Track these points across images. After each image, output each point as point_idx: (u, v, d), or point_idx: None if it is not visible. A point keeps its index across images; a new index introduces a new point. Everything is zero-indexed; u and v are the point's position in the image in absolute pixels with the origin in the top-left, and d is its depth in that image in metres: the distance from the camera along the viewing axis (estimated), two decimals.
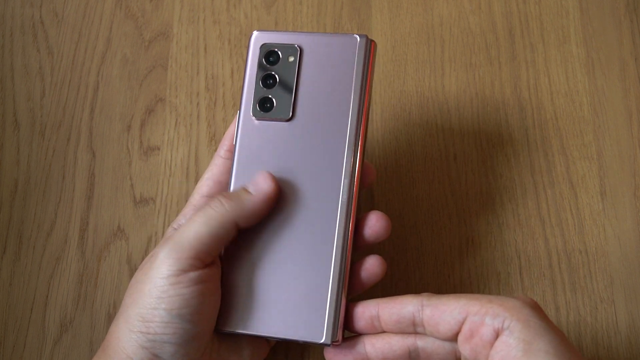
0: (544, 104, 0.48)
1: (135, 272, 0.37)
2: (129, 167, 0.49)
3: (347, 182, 0.37)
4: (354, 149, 0.38)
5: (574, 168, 0.47)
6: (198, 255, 0.35)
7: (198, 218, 0.35)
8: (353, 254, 0.37)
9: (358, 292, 0.38)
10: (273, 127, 0.39)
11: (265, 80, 0.39)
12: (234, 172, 0.39)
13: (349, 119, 0.38)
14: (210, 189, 0.39)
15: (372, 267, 0.38)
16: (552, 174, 0.47)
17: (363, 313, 0.36)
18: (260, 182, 0.37)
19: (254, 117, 0.39)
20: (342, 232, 0.37)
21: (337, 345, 0.36)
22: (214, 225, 0.35)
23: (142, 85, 0.51)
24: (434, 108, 0.49)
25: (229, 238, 0.36)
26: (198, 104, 0.50)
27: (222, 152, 0.40)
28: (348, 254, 0.37)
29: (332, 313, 0.36)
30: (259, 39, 0.40)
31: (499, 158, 0.48)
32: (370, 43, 0.39)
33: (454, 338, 0.34)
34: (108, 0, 0.53)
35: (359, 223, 0.38)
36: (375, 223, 0.38)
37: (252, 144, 0.39)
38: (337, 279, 0.36)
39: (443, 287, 0.45)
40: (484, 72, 0.50)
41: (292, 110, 0.39)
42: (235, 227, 0.36)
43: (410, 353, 0.35)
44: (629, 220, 0.46)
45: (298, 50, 0.39)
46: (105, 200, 0.48)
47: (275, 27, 0.52)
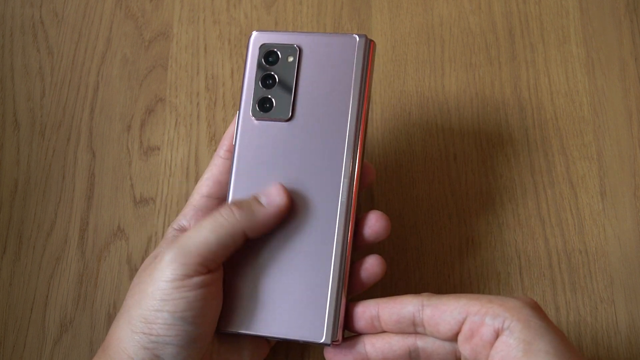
0: (544, 104, 0.48)
1: (137, 271, 0.37)
2: (129, 167, 0.49)
3: (346, 182, 0.37)
4: (354, 149, 0.38)
5: (574, 168, 0.47)
6: (204, 262, 0.34)
7: (207, 224, 0.35)
8: (353, 254, 0.37)
9: (358, 291, 0.38)
10: (272, 127, 0.39)
11: (265, 81, 0.39)
12: (234, 172, 0.39)
13: (349, 119, 0.38)
14: (210, 189, 0.39)
15: (372, 266, 0.38)
16: (552, 174, 0.47)
17: (363, 313, 0.36)
18: (273, 194, 0.36)
19: (254, 117, 0.39)
20: (341, 231, 0.37)
21: (337, 345, 0.36)
22: (223, 234, 0.35)
23: (142, 85, 0.51)
24: (434, 108, 0.49)
25: (236, 247, 0.36)
26: (198, 104, 0.50)
27: (221, 152, 0.40)
28: (348, 254, 0.37)
29: (332, 313, 0.36)
30: (258, 39, 0.40)
31: (499, 158, 0.48)
32: (370, 43, 0.39)
33: (454, 338, 0.34)
34: (108, 0, 0.53)
35: (359, 223, 0.38)
36: (375, 223, 0.38)
37: (251, 144, 0.39)
38: (337, 279, 0.36)
39: (443, 287, 0.45)
40: (484, 72, 0.50)
41: (291, 110, 0.39)
42: (244, 237, 0.36)
43: (411, 353, 0.35)
44: (629, 220, 0.46)
45: (297, 51, 0.39)
46: (105, 200, 0.48)
47: (275, 27, 0.52)
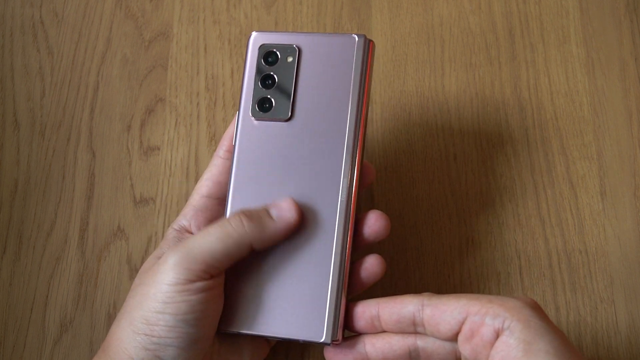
0: (544, 104, 0.48)
1: (139, 272, 0.37)
2: (129, 167, 0.49)
3: (346, 181, 0.37)
4: (353, 149, 0.38)
5: (574, 168, 0.47)
6: (207, 269, 0.34)
7: (215, 232, 0.35)
8: (353, 254, 0.37)
9: (358, 291, 0.38)
10: (272, 127, 0.39)
11: (264, 81, 0.39)
12: (234, 172, 0.39)
13: (348, 119, 0.38)
14: (210, 189, 0.39)
15: (371, 266, 0.38)
16: (552, 174, 0.47)
17: (363, 312, 0.36)
18: (285, 209, 0.36)
19: (253, 117, 0.39)
20: (341, 231, 0.37)
21: (337, 345, 0.36)
22: (230, 244, 0.35)
23: (142, 85, 0.51)
24: (434, 108, 0.49)
25: (241, 257, 0.36)
26: (198, 104, 0.50)
27: (221, 152, 0.40)
28: (348, 254, 0.37)
29: (332, 312, 0.36)
30: (258, 40, 0.40)
31: (499, 158, 0.48)
32: (369, 43, 0.39)
33: (454, 338, 0.34)
34: (108, 0, 0.53)
35: (359, 222, 0.38)
36: (375, 222, 0.38)
37: (251, 144, 0.39)
38: (337, 278, 0.36)
39: (443, 287, 0.45)
40: (484, 72, 0.50)
41: (291, 111, 0.39)
42: (250, 248, 0.36)
43: (411, 353, 0.35)
44: (629, 220, 0.46)
45: (297, 51, 0.39)
46: (105, 200, 0.48)
47: (275, 27, 0.52)
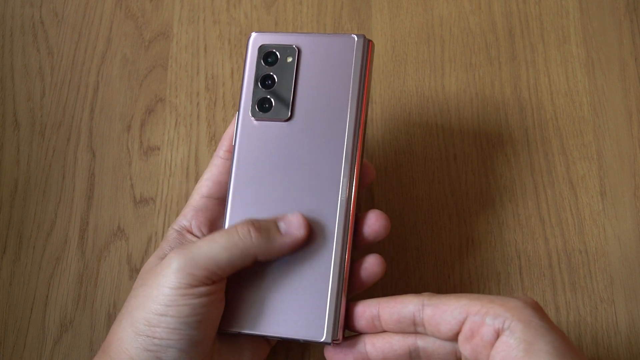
0: (544, 104, 0.48)
1: (141, 272, 0.37)
2: (129, 167, 0.49)
3: (346, 181, 0.37)
4: (353, 149, 0.38)
5: (574, 168, 0.47)
6: (210, 276, 0.34)
7: (221, 240, 0.35)
8: (353, 253, 0.38)
9: (358, 291, 0.38)
10: (272, 127, 0.39)
11: (264, 81, 0.39)
12: (234, 172, 0.39)
13: (348, 119, 0.38)
14: (210, 189, 0.39)
15: (371, 266, 0.38)
16: (552, 174, 0.47)
17: (363, 312, 0.36)
18: (294, 224, 0.36)
19: (253, 117, 0.39)
20: (341, 231, 0.37)
21: (337, 345, 0.36)
22: (235, 254, 0.35)
23: (142, 85, 0.51)
24: (434, 108, 0.49)
25: (244, 266, 0.36)
26: (198, 104, 0.50)
27: (221, 152, 0.40)
28: (348, 253, 0.37)
29: (332, 312, 0.36)
30: (257, 40, 0.40)
31: (499, 158, 0.48)
32: (368, 43, 0.39)
33: (455, 338, 0.33)
34: (108, 0, 0.53)
35: (359, 222, 0.38)
36: (375, 222, 0.38)
37: (251, 145, 0.39)
38: (337, 278, 0.36)
39: (443, 287, 0.45)
40: (484, 72, 0.50)
41: (290, 111, 0.39)
42: (254, 259, 0.36)
43: (411, 353, 0.35)
44: (629, 220, 0.46)
45: (296, 51, 0.39)
46: (105, 200, 0.48)
47: (275, 27, 0.52)
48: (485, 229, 0.46)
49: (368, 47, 0.39)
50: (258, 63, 0.39)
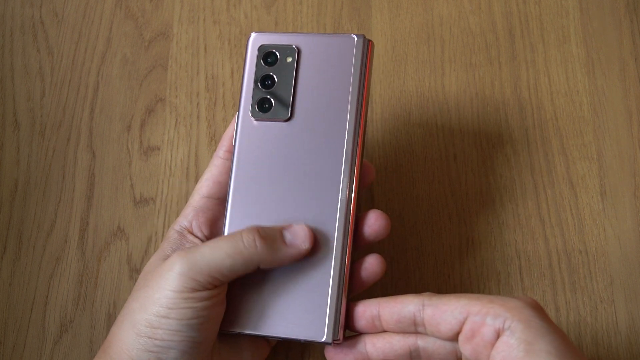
0: (544, 104, 0.48)
1: (142, 273, 0.37)
2: (129, 167, 0.49)
3: (346, 181, 0.37)
4: (353, 149, 0.38)
5: (574, 168, 0.47)
6: (213, 282, 0.35)
7: (226, 247, 0.35)
8: (353, 253, 0.38)
9: (358, 291, 0.38)
10: (272, 127, 0.39)
11: (264, 81, 0.39)
12: (234, 172, 0.39)
13: (348, 119, 0.38)
14: (210, 190, 0.39)
15: (371, 266, 0.38)
16: (552, 174, 0.47)
17: (364, 312, 0.36)
18: (300, 236, 0.36)
19: (253, 117, 0.39)
20: (342, 231, 0.37)
21: (338, 345, 0.36)
22: (239, 262, 0.35)
23: (142, 85, 0.51)
24: (434, 108, 0.49)
25: (246, 273, 0.36)
26: (198, 104, 0.50)
27: (221, 152, 0.40)
28: (348, 253, 0.37)
29: (332, 312, 0.36)
30: (257, 41, 0.40)
31: (499, 158, 0.48)
32: (368, 43, 0.39)
33: (455, 338, 0.34)
34: (108, 0, 0.53)
35: (359, 222, 0.38)
36: (375, 222, 0.38)
37: (251, 145, 0.39)
38: (337, 278, 0.36)
39: (443, 287, 0.45)
40: (484, 72, 0.50)
41: (290, 111, 0.39)
42: (257, 267, 0.36)
43: (411, 353, 0.35)
44: (629, 220, 0.46)
45: (296, 51, 0.39)
46: (105, 200, 0.48)
47: (275, 27, 0.52)
48: (485, 229, 0.46)
49: (368, 47, 0.39)
50: (258, 63, 0.39)
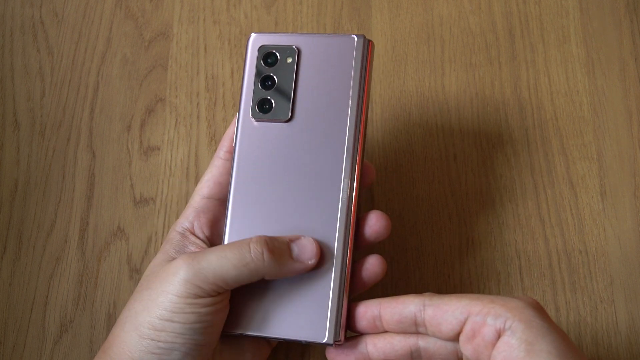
0: (544, 104, 0.49)
1: (145, 274, 0.37)
2: (129, 167, 0.49)
3: (346, 182, 0.37)
4: (354, 149, 0.38)
5: (574, 168, 0.47)
6: (217, 290, 0.35)
7: (233, 257, 0.35)
8: (353, 254, 0.38)
9: (359, 291, 0.38)
10: (272, 128, 0.39)
11: (264, 82, 0.39)
12: (234, 173, 0.39)
13: (348, 119, 0.38)
14: (211, 190, 0.39)
15: (372, 266, 0.38)
16: (552, 174, 0.47)
17: (365, 313, 0.36)
18: (308, 251, 0.36)
19: (253, 118, 0.39)
20: (342, 232, 0.37)
21: (339, 345, 0.36)
22: (244, 273, 0.35)
23: (142, 85, 0.51)
24: (434, 108, 0.49)
25: (250, 282, 0.36)
26: (198, 104, 0.50)
27: (221, 153, 0.40)
28: (349, 254, 0.37)
29: (334, 313, 0.36)
30: (257, 41, 0.40)
31: (499, 158, 0.48)
32: (368, 43, 0.39)
33: (456, 338, 0.34)
34: (108, 0, 0.53)
35: (359, 223, 0.38)
36: (376, 222, 0.38)
37: (251, 145, 0.39)
38: (338, 279, 0.36)
39: (443, 287, 0.45)
40: (484, 72, 0.50)
41: (291, 111, 0.39)
42: (261, 277, 0.36)
43: (412, 353, 0.35)
44: (629, 220, 0.46)
45: (296, 52, 0.39)
46: (105, 200, 0.48)
47: (275, 27, 0.52)
48: (485, 229, 0.46)
49: (368, 47, 0.39)
50: (258, 64, 0.39)
